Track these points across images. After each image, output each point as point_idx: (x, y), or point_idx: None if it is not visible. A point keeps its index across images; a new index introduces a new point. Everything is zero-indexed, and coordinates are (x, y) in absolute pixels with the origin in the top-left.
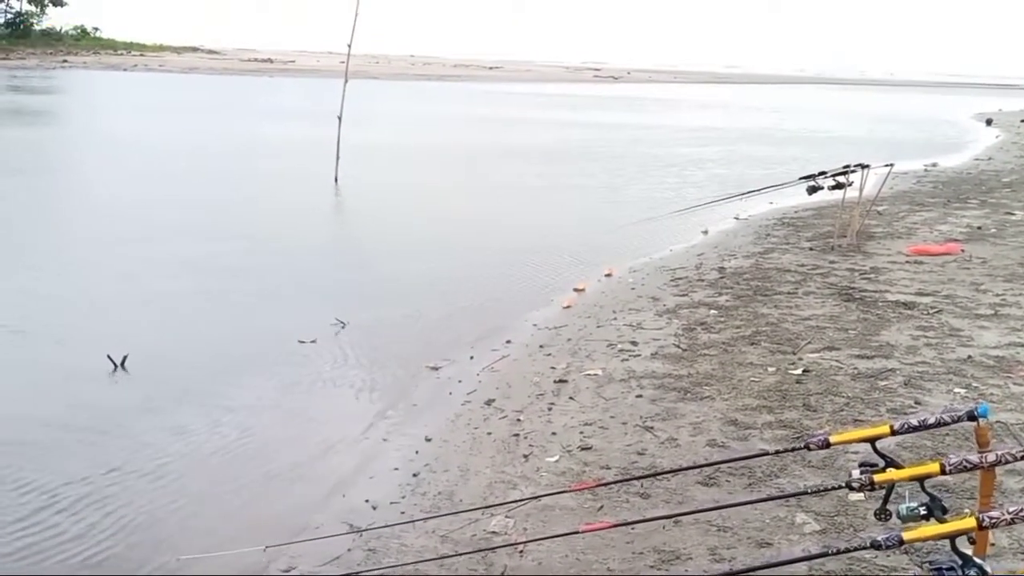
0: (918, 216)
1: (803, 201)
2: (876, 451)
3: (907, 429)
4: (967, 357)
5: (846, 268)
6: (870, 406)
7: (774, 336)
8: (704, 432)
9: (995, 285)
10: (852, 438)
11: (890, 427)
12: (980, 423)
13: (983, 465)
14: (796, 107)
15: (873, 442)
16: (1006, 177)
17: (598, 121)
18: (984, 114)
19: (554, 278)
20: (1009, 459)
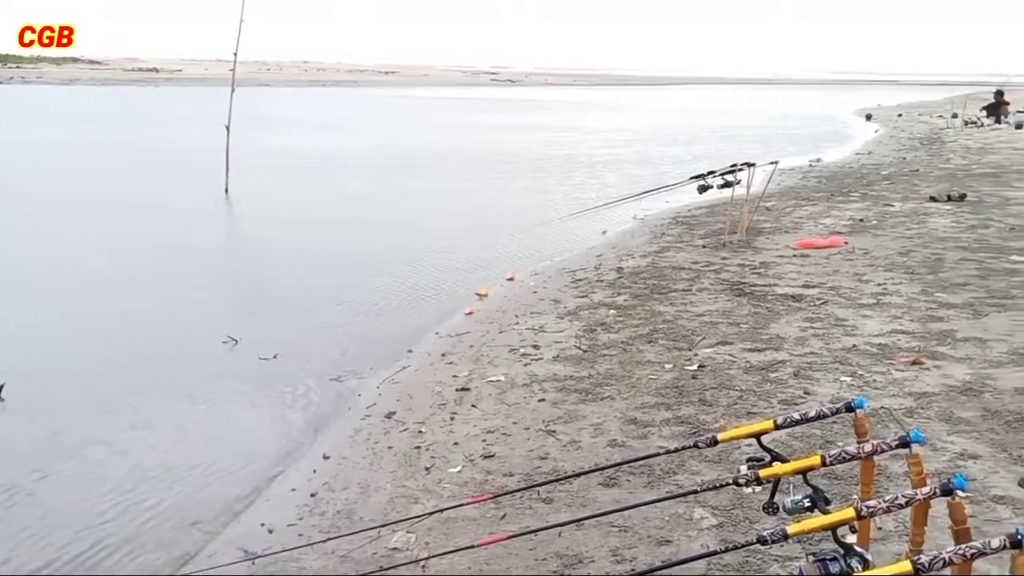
0: (804, 211)
1: (697, 200)
2: (762, 446)
3: (790, 423)
4: (852, 346)
5: (737, 264)
6: (762, 398)
7: (671, 333)
8: (605, 433)
9: (876, 275)
10: (738, 435)
11: (774, 422)
12: (858, 414)
13: (861, 455)
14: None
15: (758, 437)
16: (885, 170)
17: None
18: (864, 109)
19: (457, 284)
20: (885, 448)
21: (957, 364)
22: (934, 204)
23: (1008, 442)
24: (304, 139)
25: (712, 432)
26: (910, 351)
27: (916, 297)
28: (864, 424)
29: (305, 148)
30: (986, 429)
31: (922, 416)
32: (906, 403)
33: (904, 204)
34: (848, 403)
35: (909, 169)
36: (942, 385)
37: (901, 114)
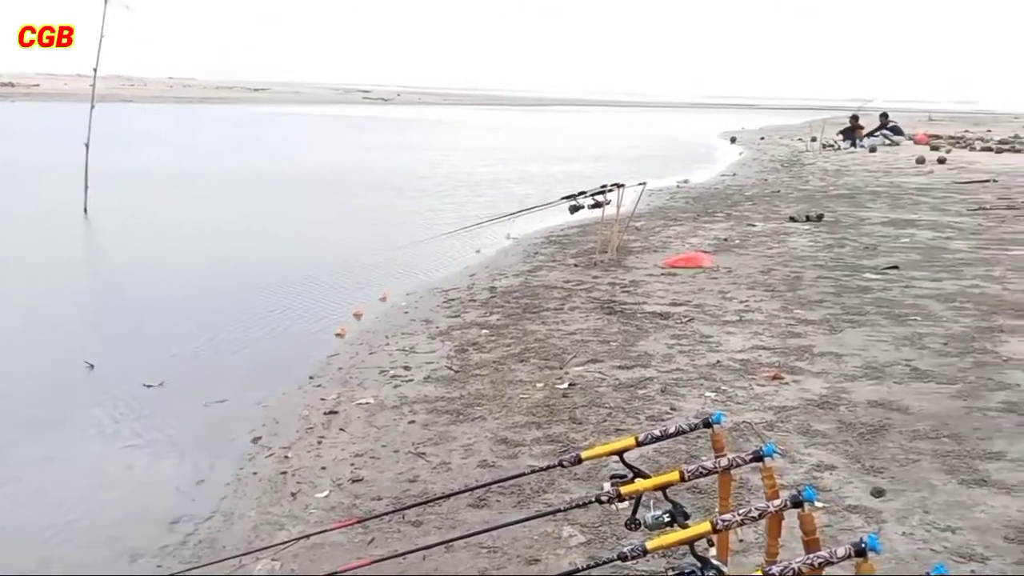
0: (672, 230)
1: (569, 219)
2: (624, 463)
3: (651, 440)
4: (716, 362)
5: (608, 282)
6: (630, 415)
7: (542, 352)
8: (475, 453)
9: (740, 293)
10: (601, 452)
11: (636, 439)
12: (715, 429)
13: (718, 470)
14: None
15: (621, 455)
16: (748, 191)
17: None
18: (729, 132)
19: (329, 305)
20: (740, 462)
21: (814, 378)
22: (794, 224)
23: (861, 453)
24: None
25: (577, 451)
26: (771, 366)
27: (776, 314)
28: (721, 439)
29: (171, 166)
30: (841, 441)
31: (782, 429)
32: (767, 417)
33: (766, 224)
34: (706, 419)
35: (771, 190)
36: (800, 399)
37: (764, 137)
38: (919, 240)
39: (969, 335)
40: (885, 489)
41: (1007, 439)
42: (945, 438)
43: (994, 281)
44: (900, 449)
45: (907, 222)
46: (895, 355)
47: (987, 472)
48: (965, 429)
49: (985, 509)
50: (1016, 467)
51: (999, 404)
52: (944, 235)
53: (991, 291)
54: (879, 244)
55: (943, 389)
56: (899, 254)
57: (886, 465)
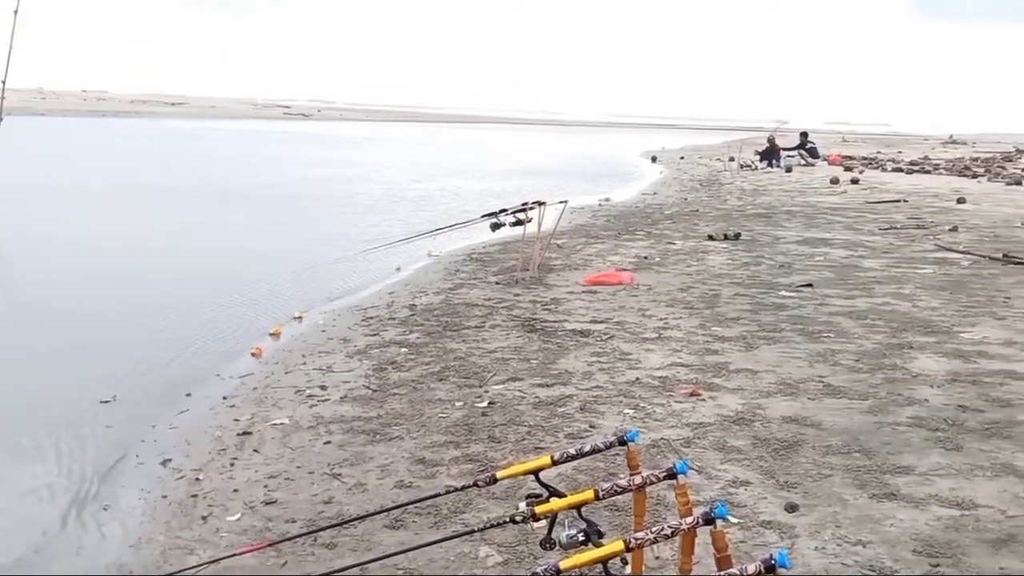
0: (593, 248)
1: (491, 236)
2: (540, 482)
3: (567, 458)
4: (635, 379)
5: (529, 300)
6: (549, 433)
7: (462, 370)
8: (392, 474)
9: (659, 310)
10: (517, 472)
11: (551, 458)
12: (630, 447)
13: (631, 488)
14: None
15: (536, 474)
16: (668, 210)
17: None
18: (650, 151)
19: (246, 324)
20: (654, 480)
21: (731, 395)
22: (712, 242)
23: (776, 468)
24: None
25: (493, 470)
26: (688, 383)
27: (694, 331)
28: (636, 457)
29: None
30: (756, 457)
31: (698, 446)
32: (684, 433)
33: (685, 242)
34: (621, 437)
35: (690, 209)
36: (717, 415)
37: (684, 157)
38: (833, 258)
39: (880, 351)
40: (798, 504)
41: (915, 453)
42: (856, 453)
43: (904, 299)
44: (813, 464)
45: (821, 241)
46: (809, 371)
47: (896, 486)
48: (876, 444)
49: (894, 523)
50: (923, 481)
51: (908, 419)
52: (857, 253)
53: (901, 308)
54: (794, 262)
55: (855, 405)
56: (813, 272)
57: (799, 480)
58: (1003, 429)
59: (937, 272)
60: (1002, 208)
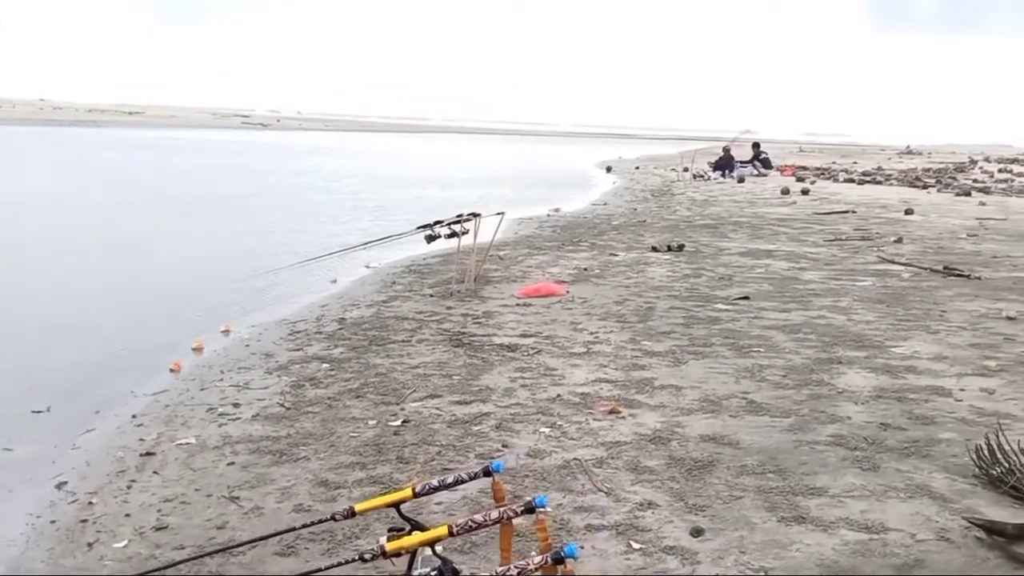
0: (534, 260)
1: (434, 248)
2: (401, 515)
3: (429, 490)
4: (557, 396)
5: (461, 313)
6: (460, 452)
7: (381, 387)
8: (292, 497)
9: (591, 324)
10: (377, 505)
11: (412, 490)
12: (495, 478)
13: (488, 523)
14: (445, 155)
15: (397, 507)
16: (616, 220)
17: (249, 167)
18: (606, 162)
19: (169, 339)
20: (512, 514)
21: (651, 412)
22: (655, 254)
23: (686, 490)
24: (32, 180)
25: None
26: (610, 400)
27: (624, 345)
28: (501, 489)
29: (34, 190)
30: (668, 478)
31: (611, 466)
32: (598, 453)
33: (628, 254)
34: (486, 467)
35: (638, 220)
36: (634, 434)
37: (638, 167)
38: (774, 270)
39: (809, 367)
40: (704, 528)
41: (831, 474)
42: (771, 473)
43: (840, 312)
44: (725, 485)
45: (765, 252)
46: (734, 387)
47: (807, 508)
48: (792, 464)
49: (800, 547)
50: (835, 503)
51: (828, 437)
52: (799, 265)
53: (836, 322)
54: (735, 274)
55: (776, 422)
56: (753, 284)
57: (709, 503)
58: (922, 448)
59: (876, 284)
60: (949, 219)
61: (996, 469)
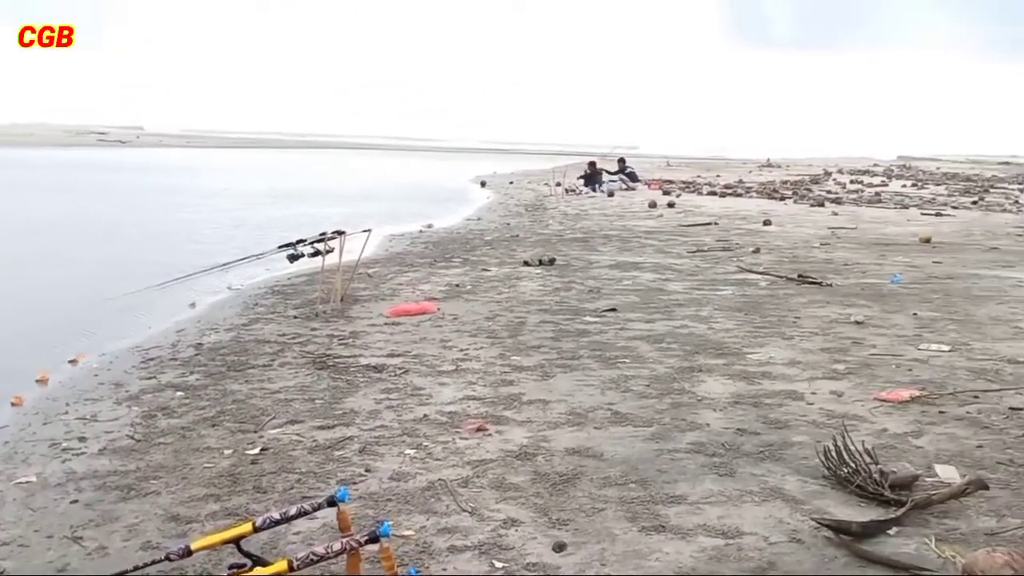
0: (405, 277)
1: (299, 267)
2: (242, 551)
3: (270, 524)
4: (423, 416)
5: (327, 334)
6: (321, 479)
7: (239, 414)
8: (140, 534)
9: (461, 341)
10: (216, 541)
11: (253, 525)
12: (340, 508)
13: (330, 555)
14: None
15: (237, 543)
16: (489, 235)
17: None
18: (480, 177)
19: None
20: (355, 544)
21: (518, 428)
22: (527, 268)
23: (550, 505)
24: None
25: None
26: (477, 418)
27: (494, 361)
28: (346, 519)
29: None
30: (533, 494)
31: (476, 485)
32: (464, 473)
33: (500, 269)
34: (331, 498)
35: (511, 234)
36: (500, 451)
37: (513, 181)
38: (640, 282)
39: (671, 376)
40: (567, 543)
41: (690, 481)
42: (633, 484)
43: (701, 321)
44: (588, 498)
45: (632, 264)
46: (600, 399)
47: (667, 517)
48: (653, 473)
49: (660, 556)
50: (694, 510)
51: (688, 445)
52: (664, 277)
53: (698, 331)
54: (603, 287)
55: (639, 432)
56: (620, 296)
57: (572, 516)
58: (776, 452)
59: (736, 293)
60: (803, 229)
61: (843, 470)
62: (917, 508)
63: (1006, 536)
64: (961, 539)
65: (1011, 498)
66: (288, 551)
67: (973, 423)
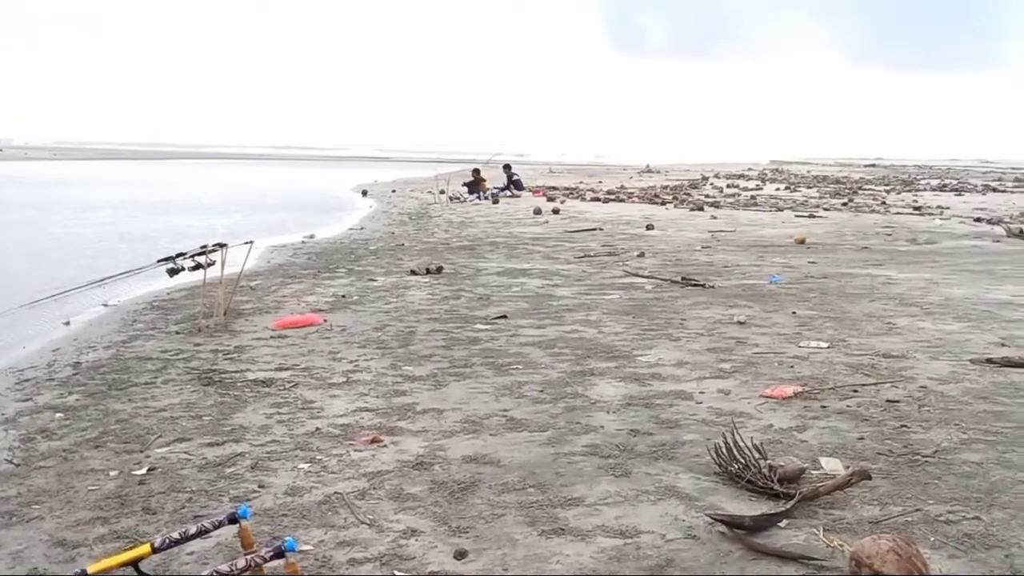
0: (289, 289)
1: (179, 282)
2: (139, 573)
3: (169, 544)
4: (316, 429)
5: (211, 350)
6: (213, 497)
7: (123, 434)
8: (25, 561)
9: (351, 352)
10: (112, 564)
11: (151, 545)
12: (242, 525)
13: (234, 573)
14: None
15: (135, 564)
16: (374, 245)
17: None
18: (362, 185)
19: None
20: (260, 561)
21: (413, 438)
22: (414, 277)
23: (449, 514)
24: None
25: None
26: (371, 429)
27: (385, 372)
28: (249, 536)
29: None
30: (431, 503)
31: (373, 497)
32: (360, 485)
33: (387, 278)
34: (232, 515)
35: (396, 243)
36: (396, 461)
37: (395, 190)
38: (529, 288)
39: (564, 380)
40: (468, 550)
41: (587, 483)
42: (531, 488)
43: (591, 325)
44: (487, 504)
45: (520, 271)
46: (494, 406)
47: (566, 520)
48: (550, 476)
49: (561, 559)
50: (592, 512)
51: (583, 448)
52: (552, 282)
53: (588, 335)
54: (492, 294)
55: (535, 437)
56: (510, 303)
57: (472, 524)
58: (669, 451)
59: (623, 297)
60: (685, 233)
61: (734, 466)
62: (805, 500)
63: (889, 523)
64: (847, 528)
65: (892, 487)
66: (184, 572)
67: (853, 416)
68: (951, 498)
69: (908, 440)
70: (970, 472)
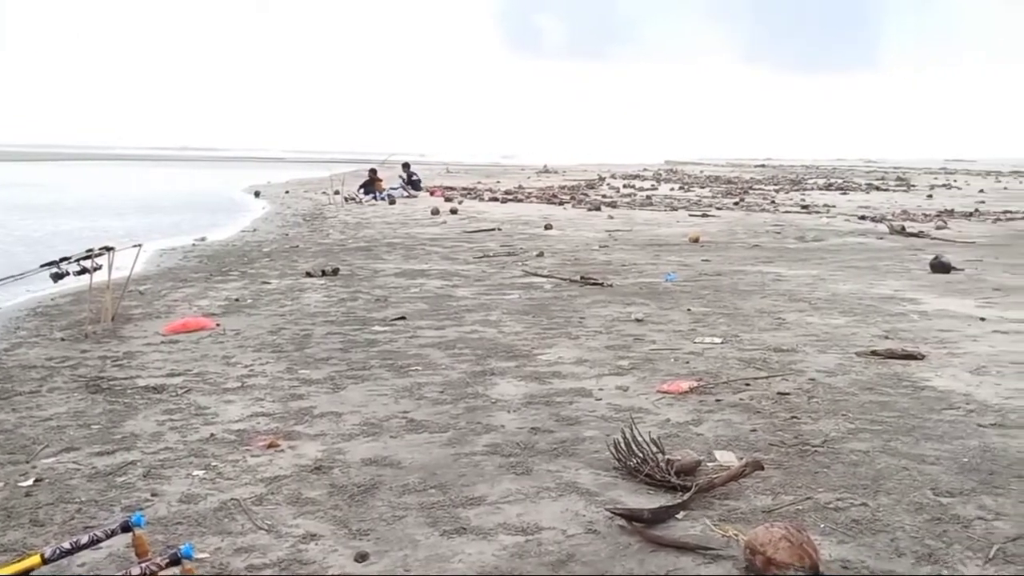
0: (180, 293)
1: (63, 287)
2: None
3: (60, 554)
4: (210, 435)
5: (99, 356)
6: (104, 507)
7: (7, 445)
8: None
9: (245, 356)
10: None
11: (41, 556)
12: (136, 533)
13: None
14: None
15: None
16: (267, 247)
17: None
18: (254, 186)
19: None
20: (155, 568)
21: (311, 442)
22: (310, 279)
23: (350, 517)
24: None
25: None
26: (268, 434)
27: (281, 376)
28: (143, 544)
29: None
30: (331, 507)
31: (271, 502)
32: (258, 490)
33: (281, 281)
34: (125, 523)
35: (290, 245)
36: (294, 466)
37: (288, 191)
38: (428, 289)
39: (464, 381)
40: (369, 552)
41: (488, 482)
42: (432, 489)
43: (491, 325)
44: (388, 507)
45: (419, 272)
46: (394, 408)
47: (468, 519)
48: (451, 477)
49: (463, 558)
50: (494, 510)
51: (484, 447)
52: (451, 283)
53: (488, 335)
54: (391, 295)
55: (435, 438)
56: (408, 304)
57: (373, 526)
58: (569, 447)
59: (523, 297)
60: (583, 232)
61: (632, 460)
62: (701, 492)
63: (782, 512)
64: (742, 518)
65: (784, 477)
66: None
67: (746, 409)
68: (839, 486)
69: (798, 431)
70: (857, 460)
